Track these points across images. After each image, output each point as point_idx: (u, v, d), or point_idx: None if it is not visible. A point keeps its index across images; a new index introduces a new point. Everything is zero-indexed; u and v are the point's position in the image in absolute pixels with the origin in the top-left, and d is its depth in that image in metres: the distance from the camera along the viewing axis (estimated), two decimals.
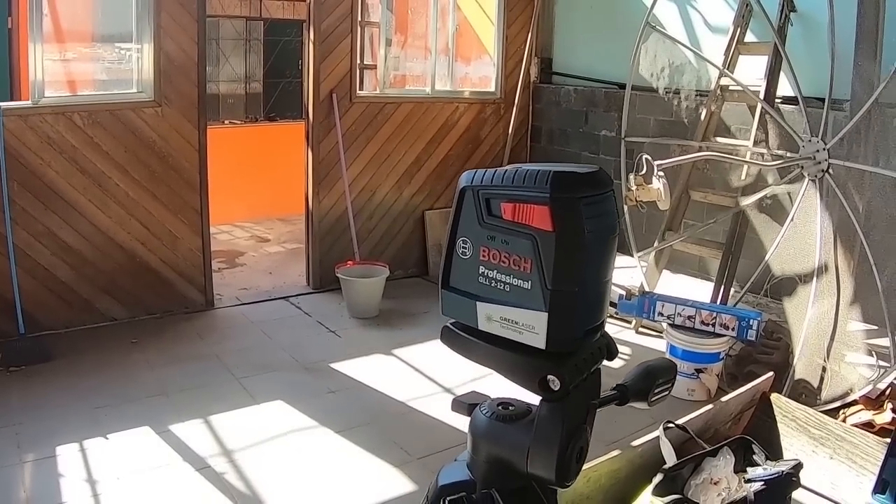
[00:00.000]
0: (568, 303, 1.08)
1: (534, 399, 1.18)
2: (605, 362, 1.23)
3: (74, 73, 5.30)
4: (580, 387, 1.15)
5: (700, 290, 5.31)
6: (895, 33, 4.10)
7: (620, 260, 5.90)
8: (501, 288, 1.12)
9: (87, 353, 4.69)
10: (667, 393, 1.34)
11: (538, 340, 1.10)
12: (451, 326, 1.21)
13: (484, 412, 1.24)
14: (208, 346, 4.95)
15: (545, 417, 1.15)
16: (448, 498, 1.23)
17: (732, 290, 5.08)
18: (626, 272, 5.70)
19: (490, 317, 1.14)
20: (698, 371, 4.41)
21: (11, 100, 6.29)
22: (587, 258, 1.09)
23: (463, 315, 1.18)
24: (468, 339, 1.18)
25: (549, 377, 1.12)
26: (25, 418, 3.87)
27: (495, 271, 1.12)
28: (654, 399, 1.31)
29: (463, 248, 1.15)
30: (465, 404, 1.27)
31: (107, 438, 3.72)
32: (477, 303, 1.15)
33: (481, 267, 1.13)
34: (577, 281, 1.08)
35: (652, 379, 1.30)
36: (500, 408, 1.23)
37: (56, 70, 5.05)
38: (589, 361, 1.16)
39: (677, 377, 3.96)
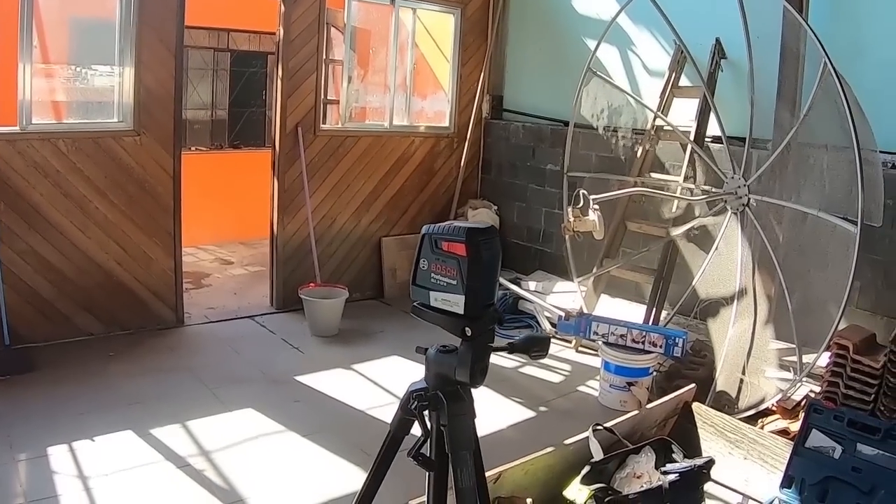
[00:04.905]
0: (475, 291, 1.97)
1: (457, 342, 2.04)
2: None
3: (59, 98, 5.59)
4: (482, 336, 2.02)
5: (636, 312, 5.72)
6: (810, 81, 4.51)
7: (562, 285, 6.36)
8: (442, 284, 2.00)
9: (68, 365, 4.99)
10: (543, 354, 2.16)
11: (460, 310, 1.98)
12: (417, 305, 2.09)
13: (433, 350, 2.09)
14: (181, 360, 5.28)
15: (464, 350, 2.02)
16: (414, 393, 2.08)
17: (664, 312, 5.55)
18: (568, 297, 6.12)
19: (436, 299, 2.02)
20: (629, 384, 4.86)
21: None
22: (483, 269, 1.97)
23: (423, 298, 2.06)
24: (426, 311, 2.07)
25: (466, 328, 1.99)
26: (14, 422, 4.17)
27: (439, 276, 2.00)
28: (532, 355, 2.14)
29: (423, 264, 2.04)
30: (424, 348, 2.14)
31: (93, 441, 4.04)
32: (430, 292, 2.04)
33: (432, 274, 2.02)
34: (478, 280, 1.97)
35: (530, 344, 2.13)
36: (441, 347, 2.08)
37: (42, 94, 5.34)
38: (487, 322, 2.03)
39: (611, 389, 4.45)
